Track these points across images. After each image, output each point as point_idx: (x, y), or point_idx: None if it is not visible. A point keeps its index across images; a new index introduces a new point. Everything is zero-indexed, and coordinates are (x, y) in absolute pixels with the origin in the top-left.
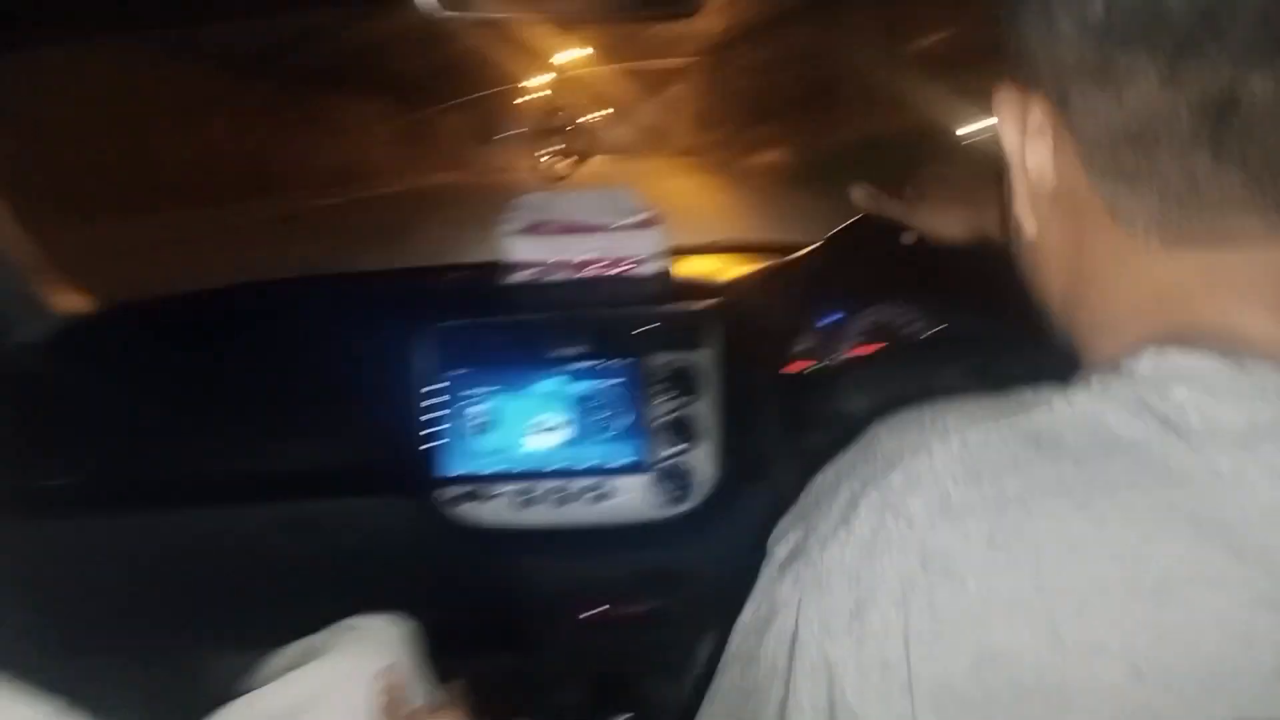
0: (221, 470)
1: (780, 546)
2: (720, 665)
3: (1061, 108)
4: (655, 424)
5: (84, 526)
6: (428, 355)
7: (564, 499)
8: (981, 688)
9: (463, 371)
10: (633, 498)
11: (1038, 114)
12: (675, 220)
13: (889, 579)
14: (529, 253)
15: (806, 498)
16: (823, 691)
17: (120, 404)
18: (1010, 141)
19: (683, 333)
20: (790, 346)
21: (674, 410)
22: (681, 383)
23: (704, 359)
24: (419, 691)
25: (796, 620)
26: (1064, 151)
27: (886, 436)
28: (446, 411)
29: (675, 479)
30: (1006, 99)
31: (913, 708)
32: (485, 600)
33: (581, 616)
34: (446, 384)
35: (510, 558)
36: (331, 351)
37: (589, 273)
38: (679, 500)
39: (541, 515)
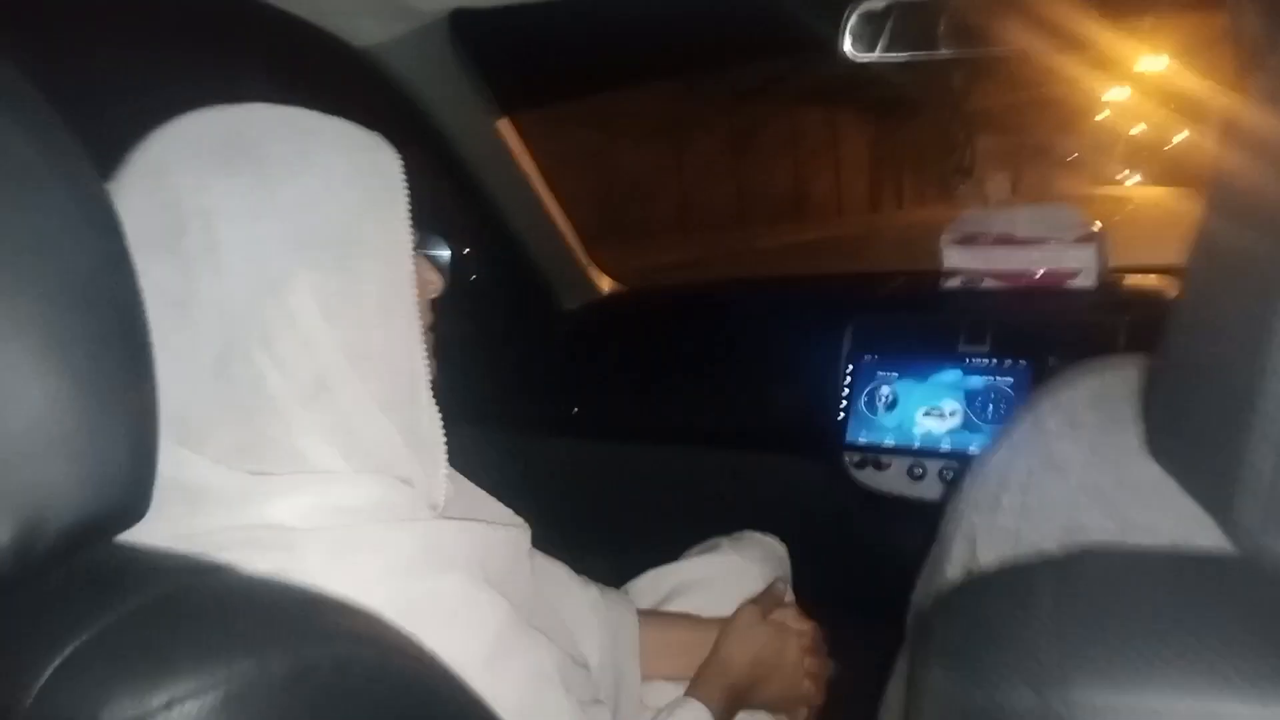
0: (687, 421)
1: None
2: None
3: None
4: None
5: (585, 447)
6: (850, 343)
7: (950, 478)
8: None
9: (875, 358)
10: None
11: None
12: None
13: (1020, 470)
14: (960, 261)
15: None
16: (968, 550)
17: (626, 361)
18: None
19: (1083, 341)
20: None
21: None
22: None
23: None
24: (785, 594)
25: (961, 504)
26: None
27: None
28: (859, 390)
29: None
30: None
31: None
32: (872, 561)
33: None
34: (863, 367)
35: (900, 525)
36: (780, 337)
37: (1018, 283)
38: None
39: (929, 489)
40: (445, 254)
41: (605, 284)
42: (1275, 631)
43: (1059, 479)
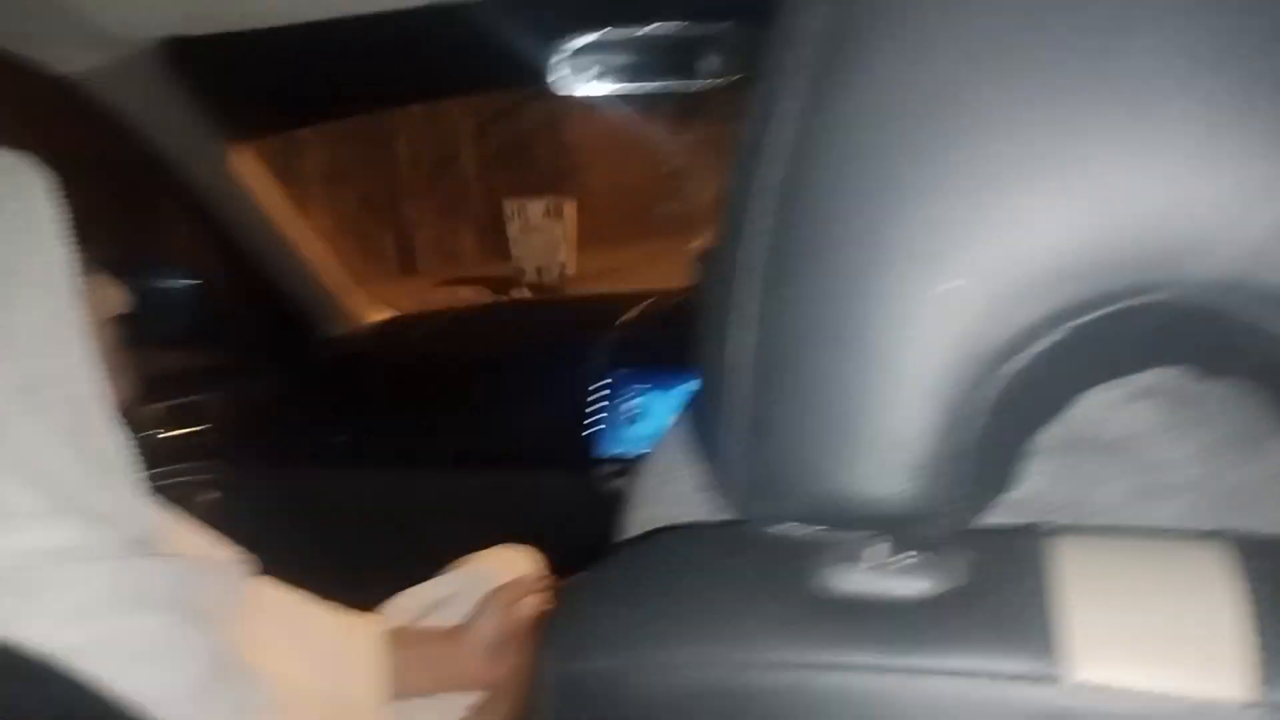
0: (451, 443)
1: None
2: None
3: None
4: None
5: (347, 475)
6: (603, 360)
7: None
8: None
9: (627, 373)
10: None
11: None
12: None
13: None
14: None
15: None
16: None
17: (390, 386)
18: None
19: None
20: None
21: None
22: None
23: None
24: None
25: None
26: None
27: None
28: (614, 404)
29: None
30: None
31: None
32: None
33: None
34: (616, 382)
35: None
36: (539, 356)
37: None
38: None
39: None
40: (182, 283)
41: (369, 311)
42: (780, 584)
43: (686, 474)
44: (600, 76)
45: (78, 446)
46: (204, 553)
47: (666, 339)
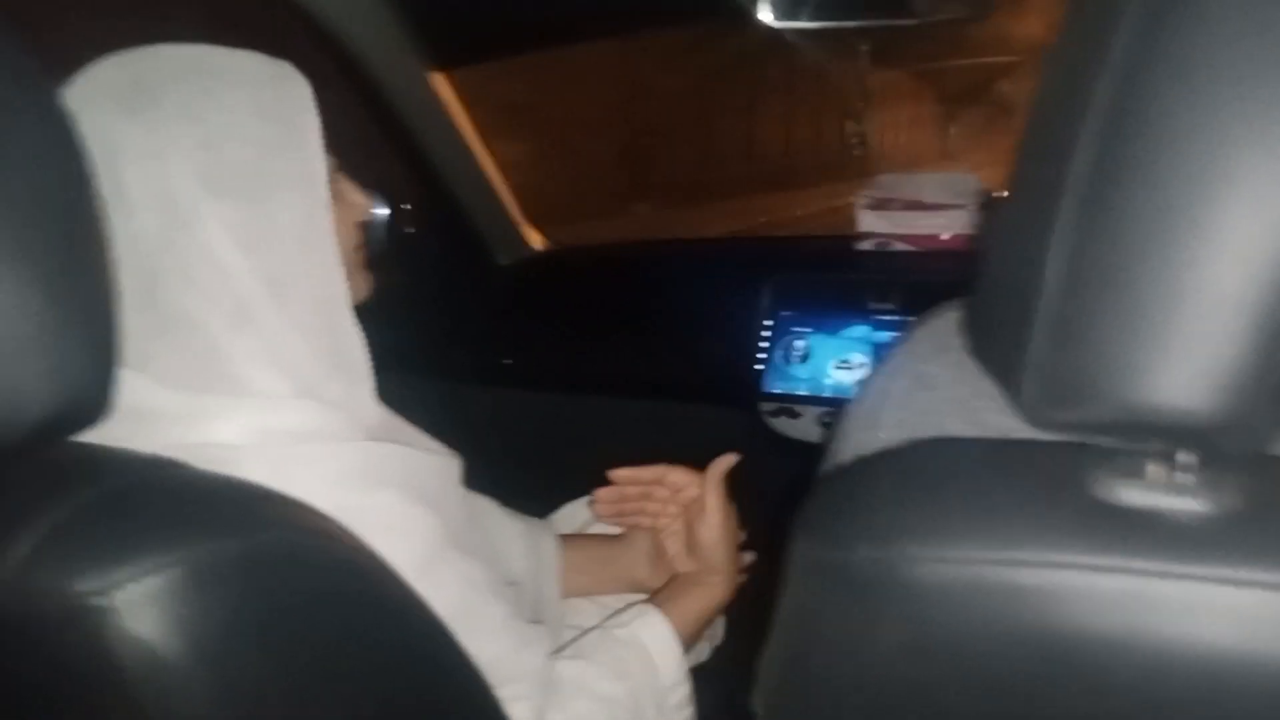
0: (612, 373)
1: None
2: None
3: None
4: None
5: (514, 396)
6: (770, 300)
7: None
8: None
9: (792, 314)
10: None
11: None
12: None
13: (897, 390)
14: (873, 224)
15: None
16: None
17: (556, 315)
18: None
19: None
20: None
21: None
22: None
23: None
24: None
25: (847, 424)
26: None
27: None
28: (776, 344)
29: None
30: None
31: None
32: (784, 501)
33: None
34: (781, 323)
35: (811, 469)
36: (703, 294)
37: (926, 245)
38: None
39: None
40: (384, 211)
41: (538, 242)
42: (1058, 492)
43: (929, 394)
44: (805, 12)
45: (319, 340)
46: (423, 445)
47: (831, 284)
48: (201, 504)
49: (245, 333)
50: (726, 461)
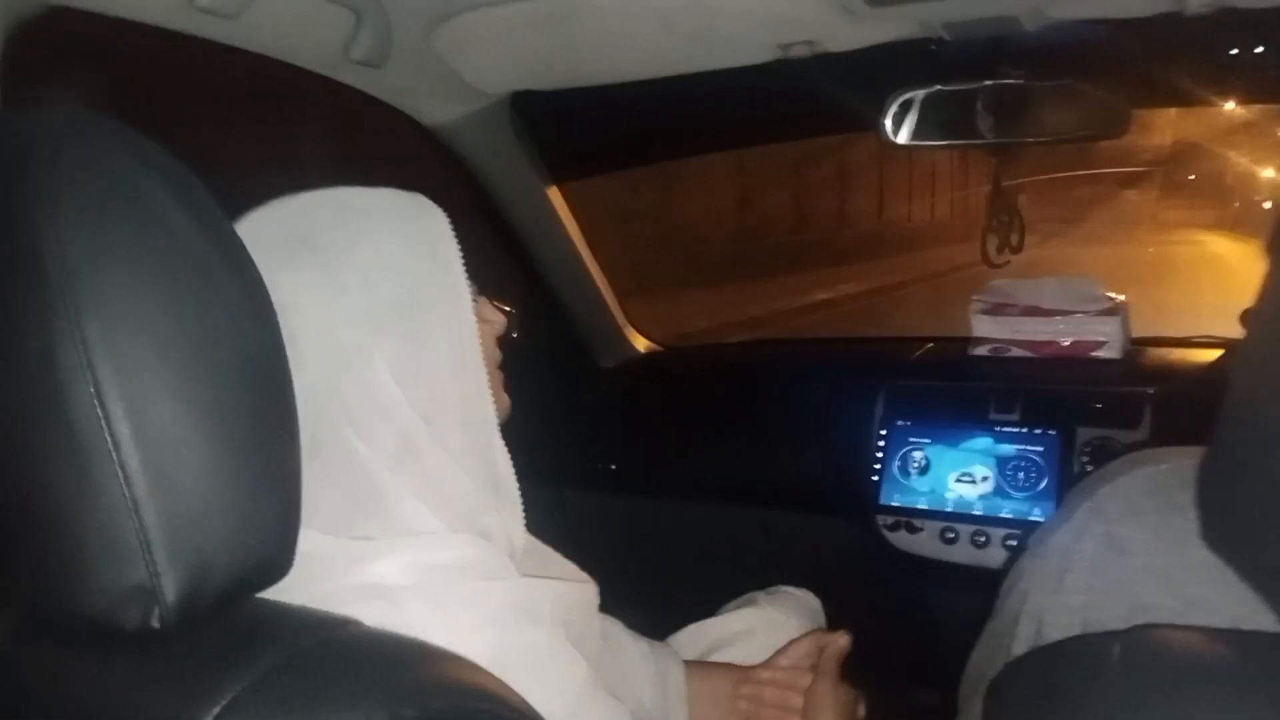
0: (721, 478)
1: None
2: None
3: None
4: None
5: (622, 502)
6: (884, 408)
7: (982, 542)
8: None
9: (908, 423)
10: None
11: None
12: (1148, 312)
13: (1084, 553)
14: (989, 330)
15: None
16: (1034, 627)
17: (662, 418)
18: None
19: (1111, 412)
20: None
21: None
22: (1102, 457)
23: (1129, 438)
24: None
25: (1023, 583)
26: None
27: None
28: (892, 454)
29: None
30: None
31: None
32: (904, 623)
33: None
34: (896, 432)
35: (932, 586)
36: (813, 397)
37: (1045, 352)
38: None
39: (962, 553)
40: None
41: (641, 344)
42: None
43: (1123, 560)
44: (933, 133)
45: (475, 465)
46: (564, 574)
47: (949, 391)
48: (376, 668)
49: (406, 468)
50: (841, 645)
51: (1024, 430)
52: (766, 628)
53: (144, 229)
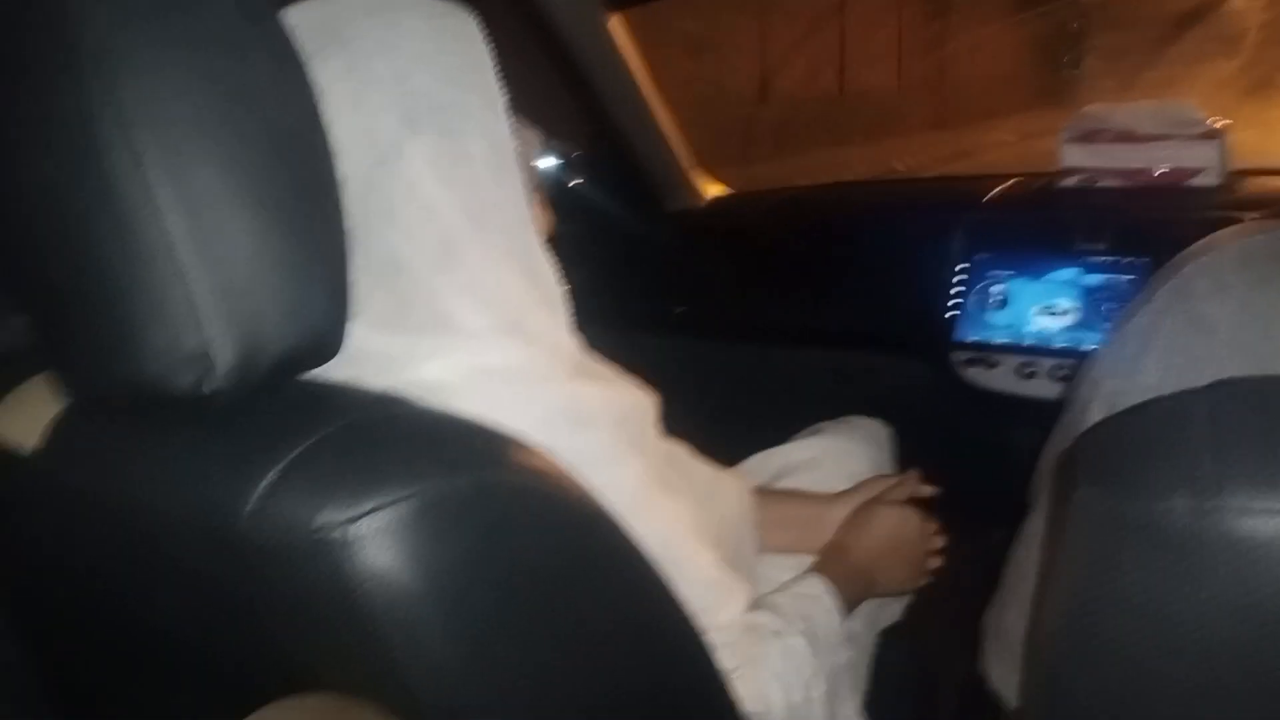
0: (791, 320)
1: None
2: None
3: None
4: None
5: (690, 345)
6: (963, 241)
7: (1063, 376)
8: None
9: (988, 256)
10: None
11: None
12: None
13: (1164, 332)
14: (1079, 159)
15: None
16: (1108, 409)
17: (731, 262)
18: None
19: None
20: None
21: None
22: None
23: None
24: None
25: (1096, 371)
26: None
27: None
28: (971, 289)
29: None
30: None
31: None
32: (979, 460)
33: None
34: (975, 265)
35: (1008, 423)
36: (888, 237)
37: (1138, 181)
38: None
39: (1040, 388)
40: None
41: (711, 188)
42: None
43: (1206, 339)
44: None
45: (519, 270)
46: (619, 383)
47: (1032, 223)
48: (433, 441)
49: (450, 269)
50: (913, 483)
51: (1113, 260)
52: (834, 455)
53: None
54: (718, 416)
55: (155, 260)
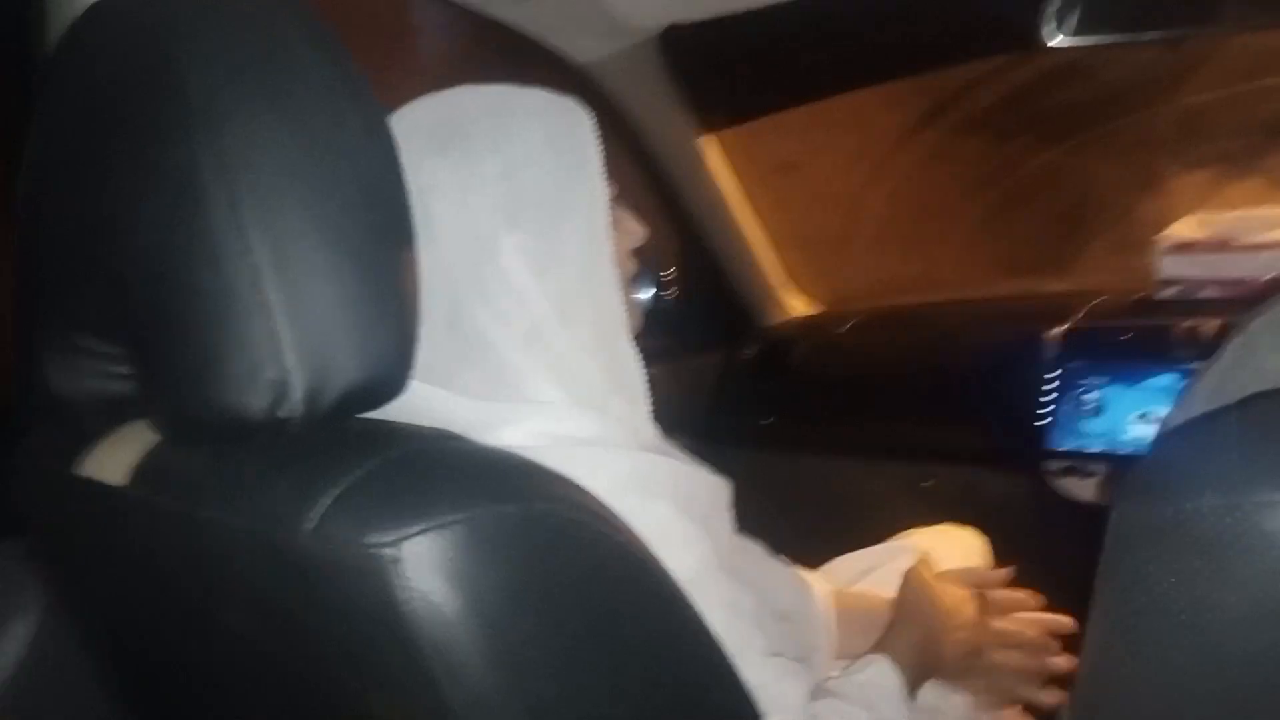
0: (881, 434)
1: None
2: None
3: None
4: None
5: (777, 458)
6: (1055, 349)
7: None
8: None
9: (1082, 364)
10: None
11: None
12: None
13: (1230, 390)
14: (1178, 269)
15: None
16: None
17: (819, 376)
18: None
19: None
20: None
21: None
22: None
23: None
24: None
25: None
26: None
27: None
28: (1064, 397)
29: None
30: None
31: None
32: (1074, 573)
33: None
34: (1068, 374)
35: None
36: (982, 351)
37: (1240, 291)
38: None
39: None
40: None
41: (801, 303)
42: None
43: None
44: (1097, 25)
45: (602, 360)
46: (693, 464)
47: (1124, 338)
48: (485, 471)
49: (535, 351)
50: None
51: None
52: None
53: (272, 57)
54: (803, 528)
55: (243, 293)
